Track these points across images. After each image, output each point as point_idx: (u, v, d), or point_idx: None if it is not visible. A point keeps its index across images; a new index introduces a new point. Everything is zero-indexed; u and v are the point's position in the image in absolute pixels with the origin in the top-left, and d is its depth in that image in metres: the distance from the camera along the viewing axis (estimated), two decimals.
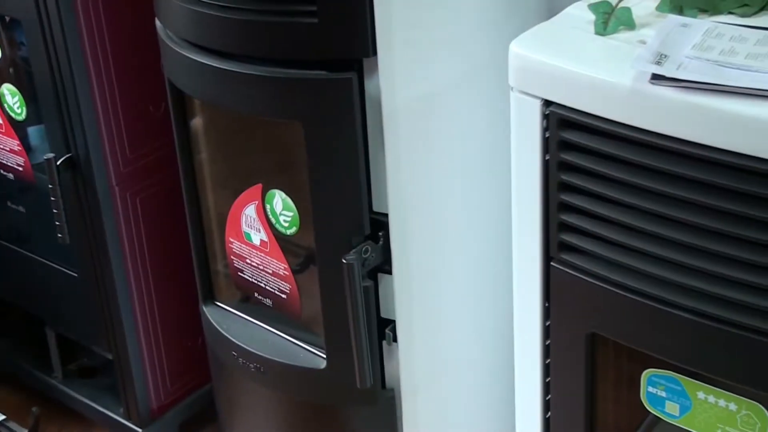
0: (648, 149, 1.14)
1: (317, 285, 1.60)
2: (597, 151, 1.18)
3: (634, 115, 1.14)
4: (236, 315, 1.82)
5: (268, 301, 1.75)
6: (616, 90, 1.14)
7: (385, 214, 1.53)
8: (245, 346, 1.74)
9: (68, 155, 1.89)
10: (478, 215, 1.62)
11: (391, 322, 1.60)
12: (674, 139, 1.11)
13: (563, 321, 1.31)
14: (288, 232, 1.66)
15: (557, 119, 1.20)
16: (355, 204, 1.52)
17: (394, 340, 1.61)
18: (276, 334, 1.75)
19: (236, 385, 1.86)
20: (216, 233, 1.80)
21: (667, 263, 1.17)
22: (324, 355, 1.66)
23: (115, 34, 1.84)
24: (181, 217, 1.83)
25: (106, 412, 2.19)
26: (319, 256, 1.58)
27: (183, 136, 1.75)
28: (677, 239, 1.15)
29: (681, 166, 1.12)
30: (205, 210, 1.80)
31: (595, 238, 1.23)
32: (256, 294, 1.77)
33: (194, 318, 1.91)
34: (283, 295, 1.72)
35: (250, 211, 1.69)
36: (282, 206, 1.65)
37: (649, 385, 1.28)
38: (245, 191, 1.69)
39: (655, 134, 1.13)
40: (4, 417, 2.23)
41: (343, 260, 1.51)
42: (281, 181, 1.65)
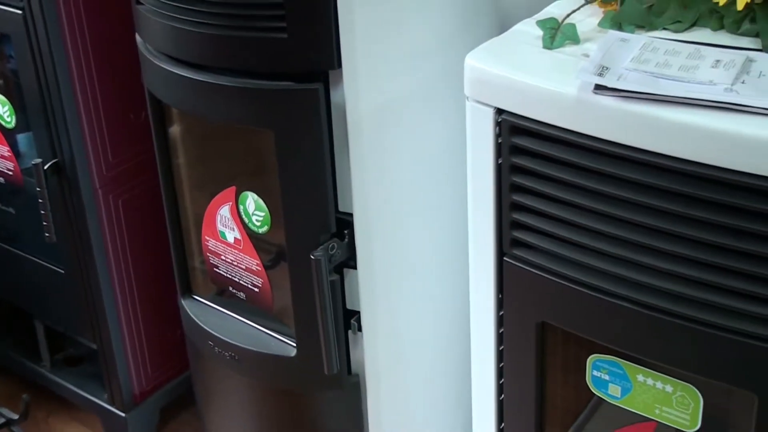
0: (592, 153, 1.14)
1: (287, 279, 1.60)
2: (545, 155, 1.18)
3: (578, 122, 1.14)
4: (212, 307, 1.81)
5: (242, 295, 1.74)
6: (563, 99, 1.14)
7: (350, 214, 1.52)
8: (221, 336, 1.74)
9: (54, 160, 1.88)
10: (437, 214, 1.62)
11: (356, 313, 1.60)
12: (615, 144, 1.12)
13: (515, 311, 1.31)
14: (260, 230, 1.65)
15: (509, 126, 1.20)
16: (322, 204, 1.51)
17: (359, 329, 1.60)
18: (249, 325, 1.75)
19: (212, 373, 1.85)
20: (193, 232, 1.79)
21: (610, 258, 1.17)
22: (294, 344, 1.66)
23: (98, 48, 1.83)
24: (160, 217, 1.82)
25: (92, 398, 2.18)
26: (289, 253, 1.57)
27: (162, 142, 1.74)
28: (618, 235, 1.16)
29: (621, 169, 1.12)
30: (182, 210, 1.79)
31: (544, 235, 1.23)
32: (231, 288, 1.76)
33: (173, 310, 1.90)
34: (256, 289, 1.72)
35: (224, 211, 1.69)
36: (254, 207, 1.64)
37: (593, 369, 1.28)
38: (220, 193, 1.68)
39: (598, 139, 1.13)
40: None
41: (312, 256, 1.50)
42: (253, 184, 1.64)
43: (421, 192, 1.59)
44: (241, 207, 1.66)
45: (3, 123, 2.01)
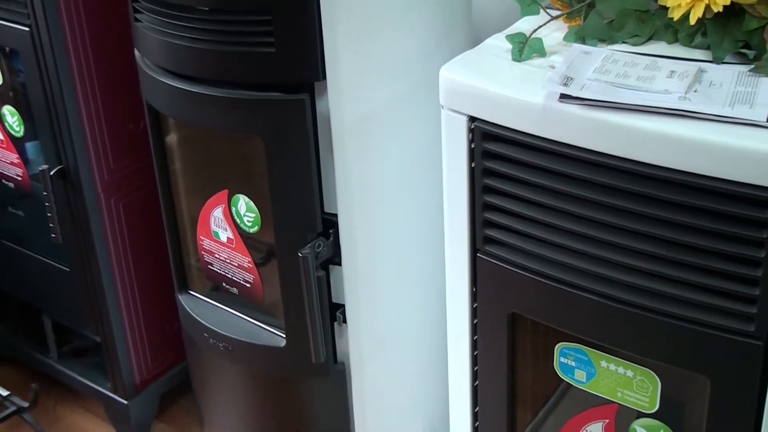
0: (558, 157, 1.14)
1: (277, 275, 1.59)
2: (515, 160, 1.18)
3: (545, 128, 1.14)
4: (207, 302, 1.80)
5: (235, 290, 1.74)
6: (531, 107, 1.14)
7: (335, 214, 1.52)
8: (215, 329, 1.73)
9: (60, 167, 1.87)
10: (415, 214, 1.62)
11: (341, 306, 1.59)
12: (579, 149, 1.12)
13: (488, 303, 1.31)
14: (251, 230, 1.65)
15: (481, 132, 1.20)
16: (309, 206, 1.51)
17: (344, 321, 1.60)
18: (241, 318, 1.74)
19: (208, 362, 1.85)
20: (189, 232, 1.78)
21: (575, 253, 1.18)
22: (283, 335, 1.65)
23: (99, 62, 1.82)
24: (158, 219, 1.81)
25: (96, 387, 2.17)
26: (279, 251, 1.57)
27: (159, 149, 1.73)
28: (582, 232, 1.16)
29: (585, 171, 1.12)
30: (179, 212, 1.79)
31: (514, 232, 1.23)
32: (224, 284, 1.75)
33: (171, 305, 1.89)
34: (248, 285, 1.71)
35: (218, 213, 1.68)
36: (245, 208, 1.64)
37: (560, 356, 1.28)
38: (213, 196, 1.68)
39: (564, 144, 1.13)
40: (8, 393, 2.20)
41: (299, 254, 1.50)
42: (245, 187, 1.64)
43: (401, 194, 1.59)
44: (233, 209, 1.65)
45: (12, 132, 2.01)
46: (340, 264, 1.56)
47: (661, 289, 1.12)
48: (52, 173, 1.87)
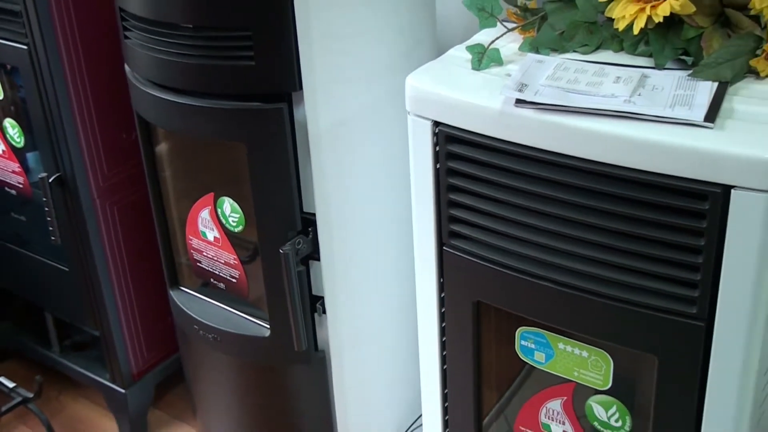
0: (515, 157, 1.15)
1: (261, 271, 1.59)
2: (476, 160, 1.19)
3: (503, 131, 1.14)
4: (197, 297, 1.79)
5: (222, 285, 1.73)
6: (490, 112, 1.14)
7: (313, 214, 1.52)
8: (205, 321, 1.72)
9: (58, 174, 1.86)
10: (387, 212, 1.62)
11: (321, 298, 1.59)
12: (535, 149, 1.12)
13: (454, 293, 1.31)
14: (236, 230, 1.64)
15: (444, 136, 1.21)
16: (289, 206, 1.51)
17: (323, 312, 1.60)
18: (229, 310, 1.73)
19: (199, 353, 1.84)
20: (178, 233, 1.78)
21: (533, 245, 1.18)
22: (268, 326, 1.65)
23: (93, 78, 1.81)
24: (150, 221, 1.81)
25: (96, 378, 2.15)
26: (262, 248, 1.56)
27: (150, 157, 1.72)
28: (540, 226, 1.16)
29: (541, 169, 1.13)
30: (169, 214, 1.78)
31: (477, 227, 1.23)
32: (212, 280, 1.75)
33: (163, 300, 1.88)
34: (234, 280, 1.71)
35: (205, 214, 1.67)
36: (230, 210, 1.63)
37: (521, 340, 1.29)
38: (200, 199, 1.67)
39: (520, 145, 1.13)
40: (14, 384, 2.18)
41: (281, 251, 1.50)
42: (229, 190, 1.63)
43: (373, 193, 1.59)
44: (219, 210, 1.65)
45: (13, 143, 1.99)
46: (318, 259, 1.55)
47: (612, 276, 1.12)
48: (50, 180, 1.86)
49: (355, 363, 1.68)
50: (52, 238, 1.92)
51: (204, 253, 1.72)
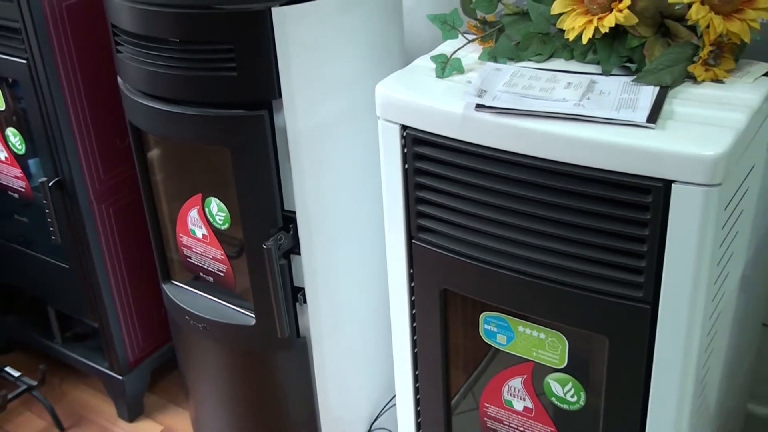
0: (477, 157, 1.15)
1: (246, 265, 1.58)
2: (441, 160, 1.19)
3: (465, 133, 1.14)
4: (187, 290, 1.79)
5: (210, 279, 1.73)
6: (452, 116, 1.15)
7: (293, 212, 1.52)
8: (195, 312, 1.72)
9: (57, 178, 1.85)
10: (361, 209, 1.62)
11: (302, 288, 1.59)
12: (494, 149, 1.13)
13: (423, 282, 1.31)
14: (222, 227, 1.64)
15: (412, 138, 1.21)
16: (271, 205, 1.50)
17: (304, 301, 1.60)
18: (217, 302, 1.73)
19: (190, 341, 1.83)
20: (169, 230, 1.77)
21: (495, 237, 1.18)
22: (253, 315, 1.64)
23: (88, 88, 1.80)
24: (143, 221, 1.80)
25: (95, 366, 2.14)
26: (247, 244, 1.56)
27: (142, 161, 1.71)
28: (499, 219, 1.16)
29: (499, 168, 1.13)
30: (160, 214, 1.77)
31: (443, 221, 1.23)
32: (201, 274, 1.74)
33: (157, 293, 1.88)
34: (221, 274, 1.70)
35: (193, 213, 1.67)
36: (217, 209, 1.63)
37: (485, 324, 1.29)
38: (189, 199, 1.66)
39: (481, 146, 1.14)
40: (19, 373, 2.17)
41: (264, 246, 1.50)
42: (216, 191, 1.62)
43: (348, 192, 1.59)
44: (207, 209, 1.64)
45: (15, 150, 1.98)
46: (299, 253, 1.55)
47: (566, 264, 1.13)
48: (50, 185, 1.85)
49: (334, 348, 1.68)
50: (53, 237, 1.91)
51: (193, 249, 1.72)
